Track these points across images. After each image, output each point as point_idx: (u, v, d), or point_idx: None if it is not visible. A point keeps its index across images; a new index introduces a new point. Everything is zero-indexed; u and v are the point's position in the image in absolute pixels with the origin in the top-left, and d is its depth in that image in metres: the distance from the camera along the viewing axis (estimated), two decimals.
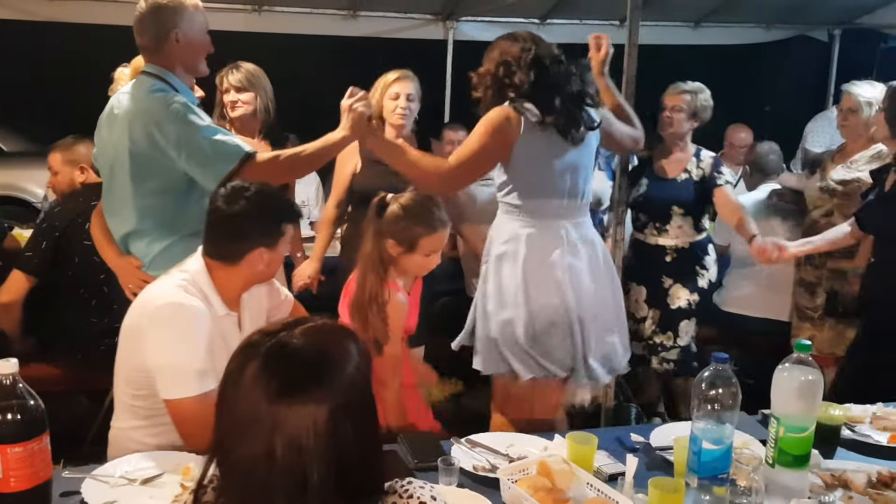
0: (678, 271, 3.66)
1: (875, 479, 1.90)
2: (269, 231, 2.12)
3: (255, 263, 2.11)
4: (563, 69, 2.64)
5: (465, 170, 2.64)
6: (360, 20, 5.68)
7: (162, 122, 2.41)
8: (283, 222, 2.15)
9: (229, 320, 2.16)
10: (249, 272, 2.13)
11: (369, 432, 1.18)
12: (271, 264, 2.15)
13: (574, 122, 2.63)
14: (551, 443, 2.09)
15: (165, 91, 2.47)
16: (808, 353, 1.78)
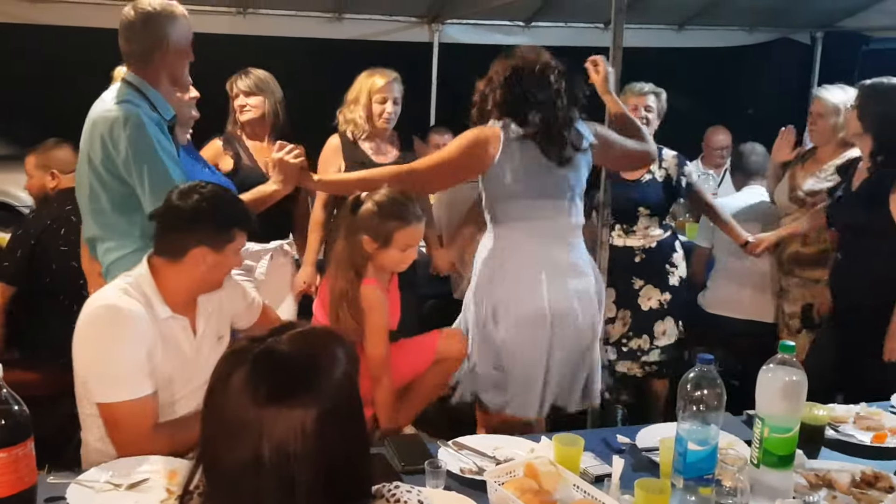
0: (648, 271, 3.66)
1: (859, 479, 1.92)
2: (216, 231, 2.09)
3: (197, 262, 2.07)
4: (549, 86, 2.63)
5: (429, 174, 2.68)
6: (345, 23, 5.67)
7: (116, 135, 2.37)
8: (233, 227, 2.12)
9: (176, 324, 2.12)
10: (192, 272, 2.08)
11: (357, 436, 1.18)
12: (216, 269, 2.11)
13: (557, 141, 2.63)
14: (538, 445, 2.10)
15: (133, 104, 2.41)
16: (792, 353, 1.80)
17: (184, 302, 2.14)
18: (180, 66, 2.53)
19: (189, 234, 2.07)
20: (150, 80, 2.49)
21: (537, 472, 1.84)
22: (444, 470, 1.90)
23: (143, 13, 2.45)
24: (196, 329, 2.17)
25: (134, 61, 2.50)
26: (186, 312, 2.15)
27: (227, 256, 2.12)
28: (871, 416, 2.30)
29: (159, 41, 2.45)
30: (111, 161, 2.40)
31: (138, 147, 2.37)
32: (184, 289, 2.12)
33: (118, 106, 2.41)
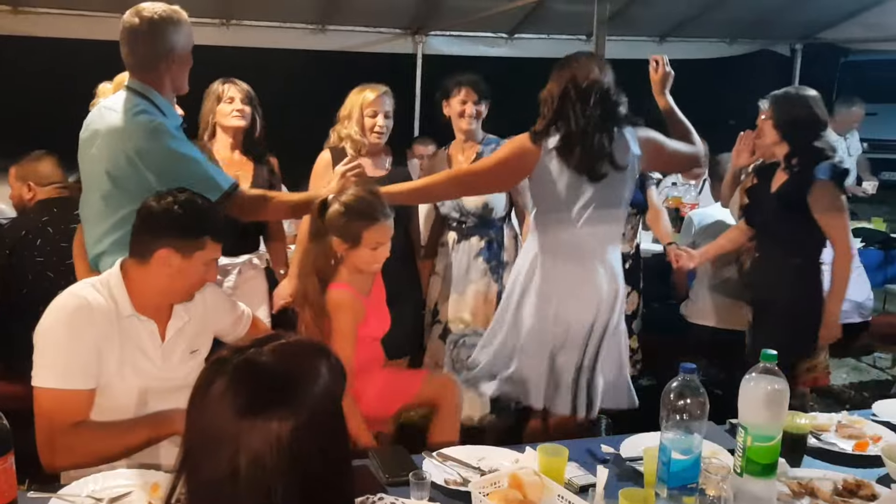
0: (630, 276, 3.68)
1: (841, 487, 1.93)
2: (184, 234, 2.05)
3: (162, 264, 2.04)
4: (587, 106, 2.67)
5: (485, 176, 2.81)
6: (328, 34, 5.69)
7: (144, 148, 2.34)
8: (204, 234, 2.07)
9: (141, 325, 2.09)
10: (158, 275, 2.05)
11: (336, 450, 1.16)
12: (182, 275, 2.06)
13: (587, 159, 2.68)
14: (522, 455, 2.09)
15: (150, 113, 2.38)
16: (774, 362, 1.81)
17: (153, 305, 2.11)
18: (183, 73, 2.50)
19: (156, 234, 2.05)
20: (156, 87, 2.45)
21: (522, 482, 1.83)
22: (429, 481, 1.89)
23: (148, 19, 2.39)
24: (165, 336, 2.14)
25: (138, 69, 2.45)
26: (156, 316, 2.12)
27: (195, 264, 2.07)
28: (853, 425, 2.31)
29: (165, 48, 2.40)
30: (138, 173, 2.36)
31: (172, 154, 2.37)
32: (151, 291, 2.09)
33: (140, 117, 2.37)
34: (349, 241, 2.47)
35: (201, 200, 2.13)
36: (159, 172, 2.36)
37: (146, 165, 2.36)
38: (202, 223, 2.09)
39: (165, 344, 2.14)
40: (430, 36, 5.99)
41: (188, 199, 2.10)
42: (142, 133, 2.36)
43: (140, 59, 2.43)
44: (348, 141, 3.44)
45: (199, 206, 2.11)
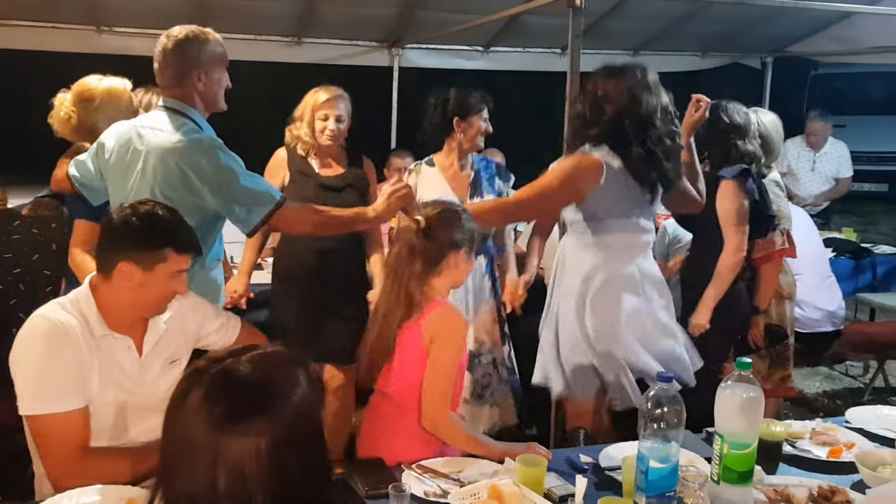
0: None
1: (816, 494, 1.95)
2: (143, 246, 2.01)
3: (123, 278, 2.00)
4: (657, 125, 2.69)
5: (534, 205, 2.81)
6: (304, 47, 5.69)
7: (201, 166, 2.41)
8: (164, 246, 2.02)
9: (117, 343, 2.06)
10: (121, 289, 2.02)
11: (316, 462, 1.16)
12: (145, 289, 2.02)
13: (662, 180, 2.74)
14: (501, 466, 2.09)
15: (198, 132, 2.48)
16: (749, 370, 1.83)
17: (127, 321, 2.08)
18: (212, 89, 2.56)
19: (116, 248, 2.02)
20: (188, 103, 2.53)
21: (501, 493, 1.83)
22: (409, 493, 1.88)
23: (175, 39, 2.50)
24: (142, 350, 2.12)
25: (169, 86, 2.54)
26: (131, 332, 2.09)
27: (158, 277, 2.02)
28: (827, 432, 2.34)
29: (190, 70, 2.50)
30: (193, 190, 2.42)
31: (227, 169, 2.42)
32: (119, 307, 2.06)
33: (192, 135, 2.45)
34: (469, 248, 2.35)
35: (163, 211, 2.09)
36: (215, 188, 2.41)
37: (202, 181, 2.41)
38: (162, 234, 2.04)
39: (143, 359, 2.11)
40: (407, 49, 6.01)
41: (148, 210, 2.06)
42: (197, 150, 2.43)
43: (170, 80, 2.54)
44: (297, 141, 3.43)
45: (158, 217, 2.07)
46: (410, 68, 6.09)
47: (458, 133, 3.55)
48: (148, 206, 2.08)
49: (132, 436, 2.08)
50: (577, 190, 2.72)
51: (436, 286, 2.30)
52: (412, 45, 5.99)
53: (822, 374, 5.44)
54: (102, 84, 2.98)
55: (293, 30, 5.53)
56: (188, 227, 2.12)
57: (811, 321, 4.19)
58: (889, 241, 7.27)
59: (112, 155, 2.60)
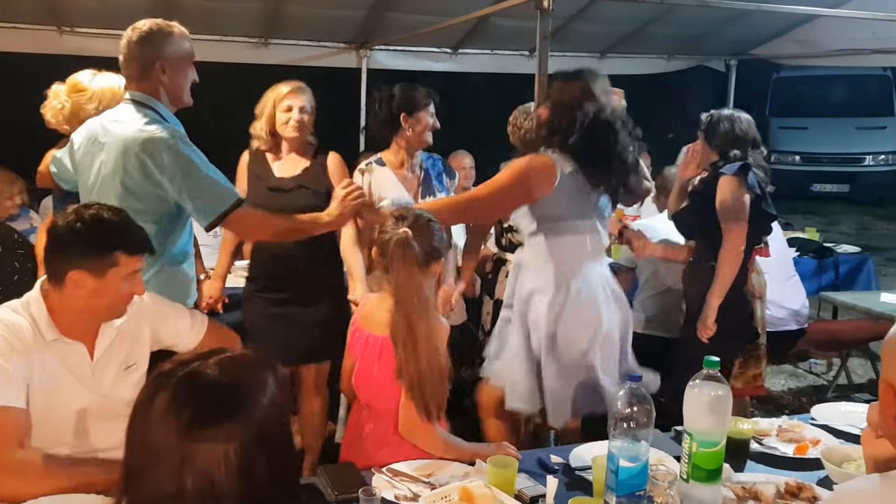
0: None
1: (783, 490, 1.97)
2: (91, 254, 1.95)
3: (76, 286, 1.95)
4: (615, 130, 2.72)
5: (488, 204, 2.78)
6: (271, 48, 5.65)
7: (160, 155, 2.40)
8: (114, 249, 1.97)
9: (68, 348, 2.02)
10: (74, 298, 1.97)
11: (284, 466, 1.15)
12: (99, 295, 1.98)
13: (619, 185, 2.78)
14: (472, 468, 2.09)
15: (161, 123, 2.46)
16: (717, 369, 1.84)
17: (79, 327, 2.04)
18: (179, 83, 2.55)
19: (64, 256, 1.96)
20: (154, 96, 2.52)
21: (472, 495, 1.83)
22: (379, 497, 1.87)
23: (140, 32, 2.50)
24: (94, 355, 2.07)
25: (135, 79, 2.54)
26: (84, 337, 2.05)
27: (111, 282, 1.98)
28: (793, 429, 2.37)
29: (153, 62, 2.49)
30: (153, 182, 2.41)
31: (186, 161, 2.41)
32: (73, 314, 2.01)
33: (152, 126, 2.43)
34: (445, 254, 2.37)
35: (109, 213, 2.03)
36: (175, 179, 2.41)
37: (162, 172, 2.40)
38: (111, 238, 1.99)
39: (95, 363, 2.07)
40: (375, 50, 6.00)
41: (93, 214, 2.00)
42: (157, 140, 2.41)
43: (134, 72, 2.53)
44: (259, 140, 3.35)
45: (105, 220, 2.01)
46: (379, 70, 6.08)
47: (405, 130, 3.48)
48: (93, 210, 2.02)
49: (94, 442, 2.04)
50: (529, 189, 2.72)
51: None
52: (380, 47, 5.98)
53: (787, 371, 5.52)
54: (97, 78, 3.00)
55: (260, 31, 5.49)
56: (137, 227, 2.07)
57: (776, 320, 4.25)
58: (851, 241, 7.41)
59: (80, 149, 2.60)
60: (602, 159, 2.72)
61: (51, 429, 1.99)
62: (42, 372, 1.97)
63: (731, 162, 3.35)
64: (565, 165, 2.71)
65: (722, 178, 3.30)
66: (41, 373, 1.97)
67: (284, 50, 5.70)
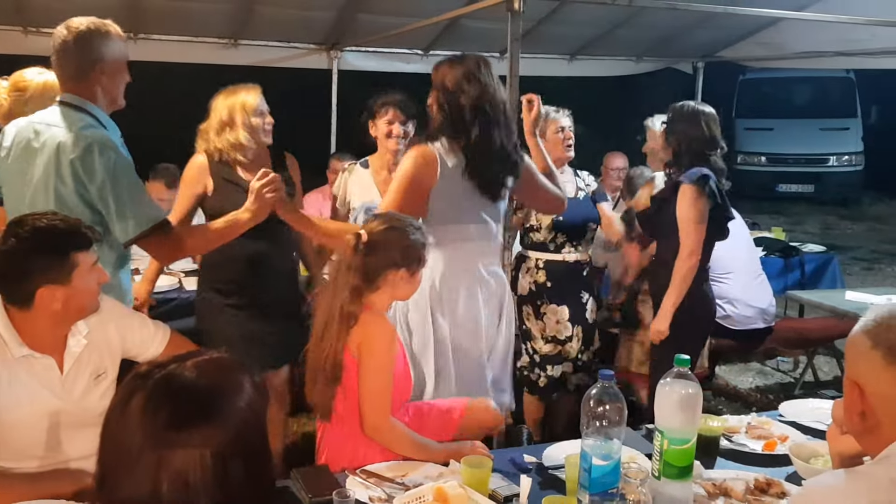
0: (592, 285, 3.89)
1: (753, 486, 2.00)
2: (51, 265, 1.92)
3: (47, 303, 1.93)
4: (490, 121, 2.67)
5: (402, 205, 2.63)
6: (241, 49, 5.60)
7: (90, 161, 2.34)
8: (69, 252, 1.94)
9: (38, 363, 1.99)
10: (48, 311, 1.94)
11: (261, 470, 1.14)
12: (72, 299, 1.96)
13: (499, 180, 2.72)
14: (446, 469, 2.10)
15: (96, 128, 2.40)
16: (687, 366, 1.87)
17: (49, 340, 2.01)
18: (115, 85, 2.49)
19: (26, 278, 1.92)
20: (90, 99, 2.45)
21: (447, 495, 1.84)
22: (353, 499, 1.87)
23: (77, 32, 2.41)
24: (63, 367, 2.04)
25: (71, 80, 2.45)
26: (53, 350, 2.02)
27: (78, 282, 1.96)
28: (762, 426, 2.41)
29: (93, 62, 2.42)
30: (84, 188, 2.35)
31: (117, 172, 2.35)
32: (45, 328, 1.98)
33: (87, 131, 2.36)
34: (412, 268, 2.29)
35: (45, 221, 1.98)
36: (100, 186, 2.34)
37: (90, 179, 2.34)
38: (62, 243, 1.96)
39: (65, 376, 2.04)
40: (346, 51, 5.98)
41: (34, 227, 1.95)
42: (89, 146, 2.34)
43: (72, 73, 2.44)
44: (235, 149, 3.24)
45: (49, 229, 1.96)
46: (349, 71, 6.06)
47: (374, 136, 3.61)
48: (28, 226, 1.96)
49: (68, 452, 2.02)
50: (419, 182, 2.67)
51: (375, 301, 2.26)
52: (351, 48, 5.96)
53: (755, 369, 5.60)
54: (40, 77, 2.93)
55: (229, 31, 5.45)
56: (73, 220, 2.04)
57: (744, 318, 4.31)
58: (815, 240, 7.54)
59: (10, 153, 2.51)
60: (480, 150, 2.66)
61: (21, 443, 1.97)
62: (9, 388, 1.94)
63: (688, 163, 3.39)
64: (449, 157, 2.68)
65: (682, 187, 3.33)
66: (8, 388, 1.94)
67: (254, 51, 5.65)
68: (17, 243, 1.92)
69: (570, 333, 3.77)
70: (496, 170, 2.72)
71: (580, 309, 3.79)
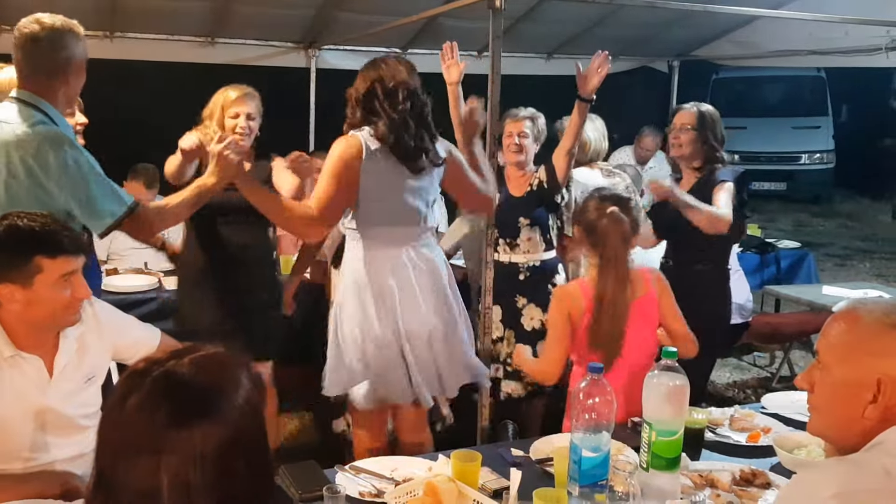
0: (531, 290, 3.74)
1: (738, 477, 2.03)
2: (10, 266, 1.90)
3: (8, 301, 1.91)
4: (398, 102, 2.68)
5: (328, 211, 2.64)
6: (218, 47, 5.57)
7: (46, 159, 2.28)
8: (32, 255, 1.90)
9: (26, 363, 1.98)
10: (12, 311, 1.92)
11: (262, 466, 1.14)
12: (36, 304, 1.92)
13: (417, 151, 2.69)
14: (435, 463, 2.10)
15: (47, 125, 2.33)
16: (675, 359, 1.89)
17: (37, 340, 1.99)
18: (77, 86, 2.46)
19: None
20: (48, 98, 2.38)
21: (437, 490, 1.84)
22: (344, 495, 1.87)
23: (50, 29, 2.34)
24: (52, 371, 2.02)
25: (33, 77, 2.38)
26: (41, 352, 2.00)
27: (42, 289, 1.92)
28: (745, 418, 2.44)
29: (65, 59, 2.37)
30: (38, 184, 2.29)
31: (79, 167, 2.30)
32: (23, 327, 1.96)
33: (39, 127, 2.30)
34: None
35: (23, 220, 1.95)
36: (63, 184, 2.29)
37: (49, 177, 2.28)
38: (26, 245, 1.92)
39: (54, 378, 2.02)
40: (324, 50, 5.96)
41: (8, 225, 1.93)
42: (44, 144, 2.29)
43: (37, 68, 2.37)
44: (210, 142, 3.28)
45: (19, 227, 1.94)
46: (327, 70, 6.04)
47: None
48: (7, 220, 1.94)
49: (54, 454, 2.01)
50: (348, 163, 2.65)
51: None
52: (329, 47, 5.94)
53: (732, 364, 5.66)
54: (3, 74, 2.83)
55: (206, 30, 5.41)
56: (61, 228, 2.00)
57: None
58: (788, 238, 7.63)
59: None
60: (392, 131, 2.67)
61: (7, 444, 1.95)
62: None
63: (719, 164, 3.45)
64: (371, 141, 2.69)
65: (722, 185, 3.35)
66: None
67: (232, 49, 5.61)
68: None
69: (501, 334, 3.73)
70: (415, 140, 2.70)
71: (514, 313, 3.72)
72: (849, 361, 1.43)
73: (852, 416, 1.40)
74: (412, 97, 2.72)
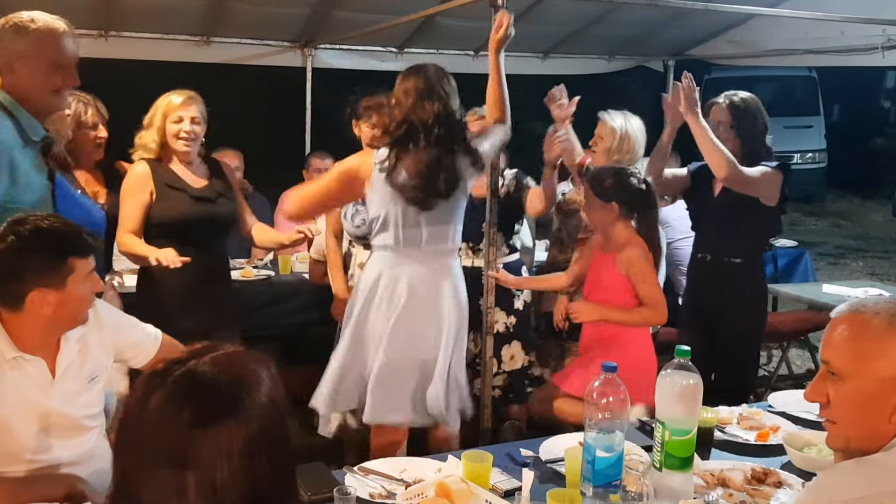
0: (496, 293, 3.63)
1: (750, 476, 2.02)
2: (46, 269, 1.89)
3: (39, 306, 1.89)
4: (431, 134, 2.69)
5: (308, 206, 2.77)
6: (213, 46, 5.53)
7: None
8: (67, 256, 1.91)
9: (29, 365, 1.95)
10: (37, 317, 1.90)
11: (285, 463, 1.12)
12: (64, 306, 1.92)
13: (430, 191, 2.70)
14: (445, 464, 2.08)
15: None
16: (688, 357, 1.88)
17: (40, 343, 1.97)
18: (50, 83, 2.37)
19: (17, 282, 1.88)
20: (14, 95, 2.34)
21: (449, 490, 1.83)
22: (354, 496, 1.85)
23: (11, 25, 2.33)
24: (55, 371, 2.00)
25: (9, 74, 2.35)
26: (44, 353, 1.98)
27: (73, 289, 1.92)
28: (753, 416, 2.43)
29: (20, 52, 2.32)
30: None
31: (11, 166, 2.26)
32: (35, 331, 1.94)
33: None
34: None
35: (47, 222, 1.94)
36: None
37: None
38: (62, 247, 1.92)
39: (57, 380, 2.00)
40: (320, 49, 5.92)
41: (35, 227, 1.91)
42: None
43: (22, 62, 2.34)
44: (141, 149, 3.18)
45: (50, 230, 1.92)
46: (324, 69, 6.01)
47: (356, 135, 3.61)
48: (29, 223, 1.92)
49: (58, 456, 1.98)
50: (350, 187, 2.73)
51: None
52: (325, 46, 5.91)
53: None
54: None
55: (202, 29, 5.37)
56: (79, 228, 2.00)
57: None
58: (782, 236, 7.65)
59: None
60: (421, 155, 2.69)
61: (10, 446, 1.92)
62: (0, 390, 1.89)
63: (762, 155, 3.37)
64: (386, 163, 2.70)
65: (770, 173, 3.28)
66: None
67: (227, 48, 5.57)
68: (15, 242, 1.88)
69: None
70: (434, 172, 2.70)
71: (477, 315, 3.59)
72: (866, 369, 1.41)
73: (878, 422, 1.38)
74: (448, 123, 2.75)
